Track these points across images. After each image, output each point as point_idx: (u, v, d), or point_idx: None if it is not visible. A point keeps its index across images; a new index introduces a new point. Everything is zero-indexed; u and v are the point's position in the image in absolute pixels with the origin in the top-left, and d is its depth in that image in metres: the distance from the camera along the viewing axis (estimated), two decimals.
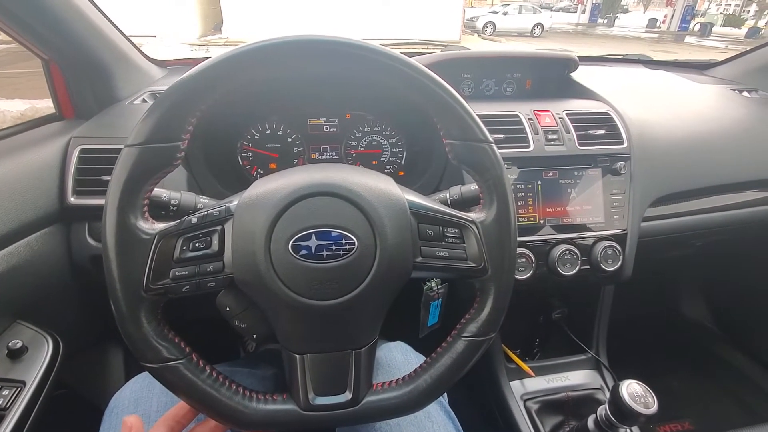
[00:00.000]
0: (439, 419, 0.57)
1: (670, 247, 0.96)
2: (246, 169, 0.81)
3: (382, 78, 0.42)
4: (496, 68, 0.94)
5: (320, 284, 0.40)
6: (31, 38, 0.64)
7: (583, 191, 0.76)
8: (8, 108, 3.07)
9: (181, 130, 0.40)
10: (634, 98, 0.90)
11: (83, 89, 0.73)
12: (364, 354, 0.44)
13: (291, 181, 0.42)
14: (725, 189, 0.89)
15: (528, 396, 0.88)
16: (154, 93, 0.80)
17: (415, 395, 0.45)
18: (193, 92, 0.39)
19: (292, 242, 0.39)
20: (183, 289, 0.40)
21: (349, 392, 0.44)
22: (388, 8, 9.60)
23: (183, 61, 1.02)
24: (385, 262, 0.41)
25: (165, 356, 0.40)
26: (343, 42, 0.41)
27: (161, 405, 0.52)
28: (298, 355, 0.43)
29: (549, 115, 0.78)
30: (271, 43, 0.40)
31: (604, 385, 0.91)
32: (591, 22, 22.23)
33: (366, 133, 0.83)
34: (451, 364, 0.45)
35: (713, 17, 21.98)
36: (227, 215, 0.41)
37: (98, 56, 0.71)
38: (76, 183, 0.65)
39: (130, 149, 0.39)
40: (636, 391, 0.65)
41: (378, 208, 0.41)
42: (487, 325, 0.46)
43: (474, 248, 0.44)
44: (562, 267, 0.73)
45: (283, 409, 0.43)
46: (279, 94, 0.76)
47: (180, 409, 0.44)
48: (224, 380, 0.43)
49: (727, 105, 0.99)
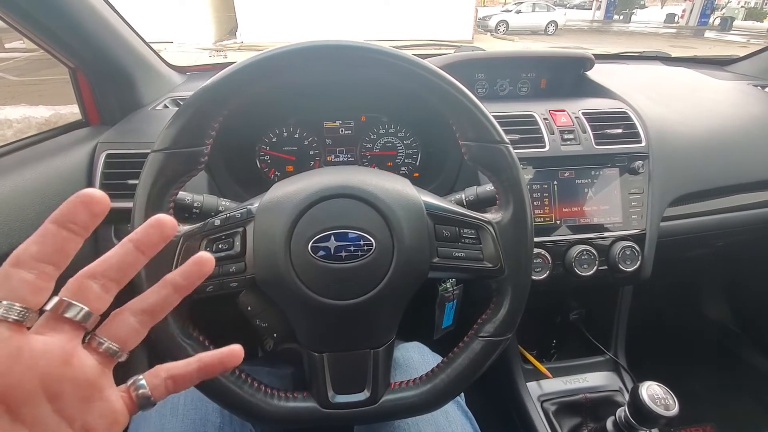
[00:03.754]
0: (457, 418, 0.57)
1: (690, 247, 0.94)
2: (264, 171, 0.82)
3: (401, 82, 0.43)
4: (511, 68, 0.94)
5: (339, 284, 0.41)
6: (59, 48, 0.66)
7: (600, 191, 0.75)
8: (33, 114, 3.17)
9: (205, 135, 0.41)
10: (652, 96, 0.89)
11: (108, 96, 0.75)
12: (382, 353, 0.45)
13: (310, 184, 0.43)
14: (747, 188, 0.86)
15: (545, 397, 0.87)
16: (175, 99, 0.82)
17: (432, 394, 0.45)
18: (218, 98, 0.41)
19: (312, 243, 0.40)
20: (207, 289, 0.41)
21: (367, 390, 0.45)
22: (400, 9, 9.61)
23: (202, 67, 1.04)
24: (403, 263, 0.41)
25: (190, 354, 0.41)
26: (366, 48, 0.42)
27: (188, 400, 0.53)
28: (318, 354, 0.44)
29: (565, 115, 0.77)
30: (297, 48, 0.41)
31: (623, 387, 0.89)
32: (606, 19, 21.84)
33: (381, 135, 0.84)
34: (468, 363, 0.46)
35: (734, 11, 21.33)
36: (248, 217, 0.42)
37: (122, 64, 0.73)
38: (103, 187, 0.67)
39: (157, 154, 0.40)
40: (656, 392, 0.64)
41: (395, 209, 0.42)
42: (504, 326, 0.46)
43: (490, 249, 0.45)
44: (579, 267, 0.73)
45: (303, 407, 0.44)
46: (295, 98, 0.78)
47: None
48: (247, 377, 0.44)
49: (748, 101, 0.96)
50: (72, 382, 0.23)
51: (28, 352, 0.22)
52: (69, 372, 0.23)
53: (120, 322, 0.25)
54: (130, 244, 0.24)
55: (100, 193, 0.23)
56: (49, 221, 0.22)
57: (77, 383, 0.23)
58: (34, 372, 0.22)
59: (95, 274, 0.24)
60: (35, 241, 0.22)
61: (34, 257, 0.22)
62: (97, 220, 0.23)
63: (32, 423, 0.22)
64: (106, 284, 0.24)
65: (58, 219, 0.22)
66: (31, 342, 0.22)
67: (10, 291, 0.21)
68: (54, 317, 0.23)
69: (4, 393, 0.21)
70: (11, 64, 5.77)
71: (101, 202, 0.23)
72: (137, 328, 0.26)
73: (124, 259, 0.24)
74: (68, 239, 0.22)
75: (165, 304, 0.26)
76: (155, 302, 0.26)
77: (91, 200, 0.22)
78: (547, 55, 0.99)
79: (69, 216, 0.22)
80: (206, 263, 0.26)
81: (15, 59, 5.95)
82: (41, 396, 0.22)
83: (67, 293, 0.23)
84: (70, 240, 0.22)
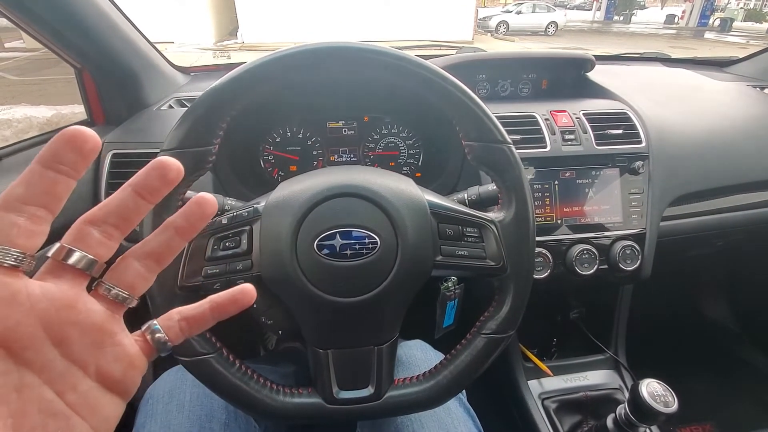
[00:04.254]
0: (459, 415, 0.58)
1: (690, 246, 0.95)
2: (267, 171, 0.83)
3: (405, 83, 0.44)
4: (512, 69, 0.95)
5: (344, 282, 0.41)
6: (66, 48, 0.67)
7: (600, 191, 0.76)
8: (35, 114, 3.18)
9: (213, 136, 0.42)
10: (652, 97, 0.90)
11: (114, 96, 0.76)
12: (386, 350, 0.45)
13: (315, 183, 0.43)
14: (747, 188, 0.87)
15: (546, 395, 0.88)
16: (180, 99, 0.83)
17: (435, 391, 0.46)
18: (227, 98, 0.41)
19: (317, 241, 0.41)
20: (214, 286, 0.42)
21: (371, 387, 0.45)
22: (400, 9, 9.62)
23: (205, 68, 1.05)
24: (407, 261, 0.42)
25: (198, 350, 0.42)
26: (372, 50, 0.42)
27: (194, 396, 0.54)
28: (323, 351, 0.45)
29: (566, 115, 0.78)
30: (307, 49, 0.42)
31: (623, 385, 0.90)
32: (607, 20, 21.84)
33: (383, 135, 0.85)
34: (470, 361, 0.46)
35: (733, 12, 21.32)
36: (255, 216, 0.43)
37: (128, 64, 0.74)
38: (109, 186, 0.68)
39: (165, 154, 0.41)
40: (656, 389, 0.64)
41: (399, 208, 0.43)
42: (506, 323, 0.46)
43: (493, 247, 0.45)
44: (579, 266, 0.73)
45: (308, 402, 0.45)
46: (299, 99, 0.78)
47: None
48: (252, 374, 0.44)
49: (748, 102, 0.97)
50: (78, 326, 0.23)
51: (25, 296, 0.21)
52: (73, 316, 0.22)
53: (125, 267, 0.25)
54: (129, 188, 0.23)
55: (89, 131, 0.21)
56: (34, 161, 0.21)
57: (84, 328, 0.23)
58: (33, 315, 0.21)
59: (95, 220, 0.23)
60: (21, 182, 0.21)
61: (20, 199, 0.21)
62: (86, 159, 0.21)
63: (40, 368, 0.22)
64: (107, 230, 0.23)
65: (43, 158, 0.21)
66: (29, 286, 0.21)
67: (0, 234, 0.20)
68: (55, 264, 0.23)
69: (2, 336, 0.20)
70: (12, 64, 5.78)
71: (89, 140, 0.21)
72: (143, 273, 0.25)
73: (124, 204, 0.23)
74: (57, 180, 0.21)
75: (168, 248, 0.25)
76: (157, 245, 0.25)
77: (77, 137, 0.21)
78: (548, 56, 1.00)
79: (55, 155, 0.21)
80: (207, 203, 0.25)
81: (15, 59, 5.96)
82: (44, 340, 0.22)
83: (68, 240, 0.23)
84: (58, 181, 0.21)
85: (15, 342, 0.21)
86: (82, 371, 0.23)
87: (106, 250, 0.23)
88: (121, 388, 0.24)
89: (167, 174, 0.23)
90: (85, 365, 0.23)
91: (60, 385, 0.22)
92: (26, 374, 0.21)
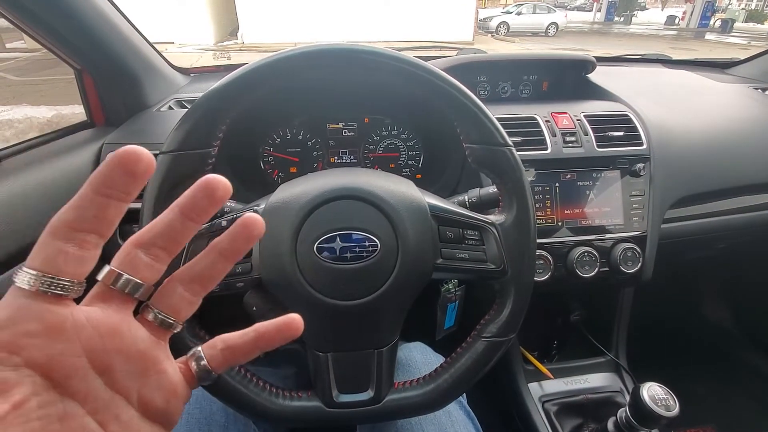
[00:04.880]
0: (459, 418, 0.58)
1: (691, 249, 0.95)
2: (267, 172, 0.83)
3: (406, 84, 0.44)
4: (512, 71, 0.95)
5: (344, 285, 0.41)
6: (66, 49, 0.67)
7: (601, 193, 0.75)
8: (35, 114, 3.19)
9: (213, 137, 0.41)
10: (654, 98, 0.89)
11: (114, 97, 0.76)
12: (386, 353, 0.45)
13: (315, 186, 0.43)
14: (748, 190, 0.87)
15: (546, 398, 0.87)
16: (180, 100, 0.83)
17: (435, 394, 0.46)
18: (227, 100, 0.41)
19: (317, 244, 0.41)
20: (214, 289, 0.42)
21: (371, 390, 0.45)
22: (400, 9, 9.62)
23: (205, 69, 1.05)
24: (407, 264, 0.42)
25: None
26: (373, 51, 0.42)
27: (193, 399, 0.53)
28: (323, 354, 0.44)
29: (566, 117, 0.78)
30: (308, 51, 0.42)
31: (624, 388, 0.90)
32: (607, 21, 21.85)
33: (384, 136, 0.84)
34: (471, 364, 0.46)
35: (734, 13, 21.33)
36: None
37: (128, 65, 0.74)
38: None
39: (166, 156, 0.41)
40: (657, 393, 0.64)
41: (400, 210, 0.42)
42: (507, 326, 0.46)
43: (494, 250, 0.45)
44: (580, 269, 0.73)
45: (308, 406, 0.45)
46: (299, 100, 0.78)
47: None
48: (252, 377, 0.44)
49: (749, 104, 0.97)
50: (122, 354, 0.22)
51: (70, 324, 0.21)
52: (118, 343, 0.22)
53: (170, 291, 0.24)
54: (177, 210, 0.22)
55: (142, 150, 0.20)
56: (85, 186, 0.20)
57: (129, 356, 0.22)
58: (77, 344, 0.21)
59: (142, 243, 0.22)
60: (71, 208, 0.20)
61: (70, 225, 0.20)
62: (140, 182, 0.21)
63: (84, 397, 0.21)
64: (155, 252, 0.22)
65: (95, 184, 0.20)
66: (75, 314, 0.21)
67: (46, 261, 0.20)
68: (104, 289, 0.22)
69: (47, 366, 0.20)
70: (12, 64, 5.79)
71: (142, 160, 0.20)
72: (189, 297, 0.24)
73: (172, 225, 0.22)
74: (108, 205, 0.20)
75: (213, 271, 0.24)
76: (202, 269, 0.24)
77: (130, 159, 0.20)
78: (549, 57, 1.00)
79: (107, 180, 0.20)
80: (255, 224, 0.24)
81: (16, 59, 5.97)
82: (88, 369, 0.21)
83: (116, 263, 0.22)
84: (110, 205, 0.20)
85: (59, 371, 0.20)
86: (125, 400, 0.22)
87: (154, 273, 0.23)
88: (164, 418, 0.24)
89: (215, 193, 0.22)
90: (128, 394, 0.23)
91: (103, 415, 0.22)
92: (70, 404, 0.21)
